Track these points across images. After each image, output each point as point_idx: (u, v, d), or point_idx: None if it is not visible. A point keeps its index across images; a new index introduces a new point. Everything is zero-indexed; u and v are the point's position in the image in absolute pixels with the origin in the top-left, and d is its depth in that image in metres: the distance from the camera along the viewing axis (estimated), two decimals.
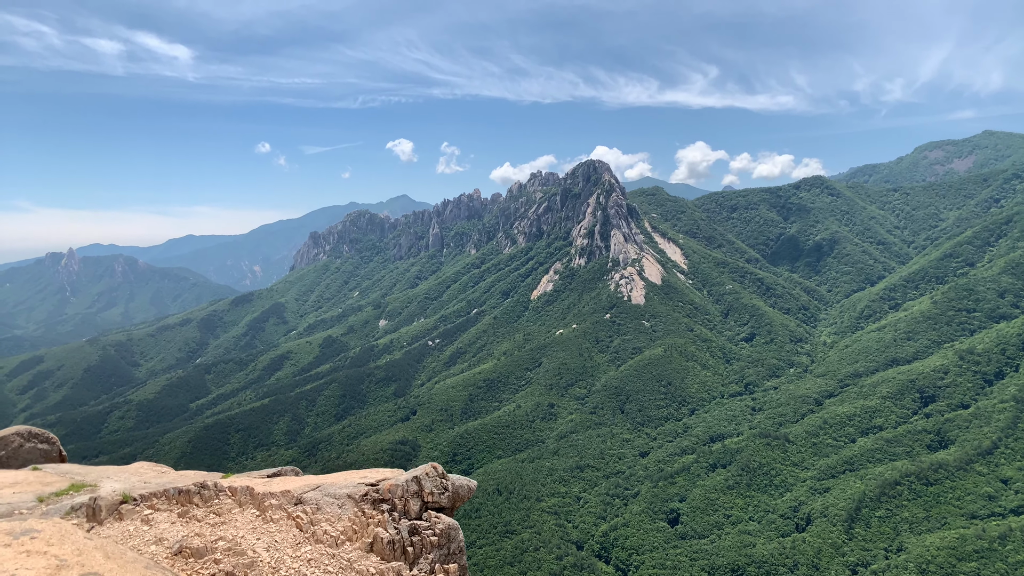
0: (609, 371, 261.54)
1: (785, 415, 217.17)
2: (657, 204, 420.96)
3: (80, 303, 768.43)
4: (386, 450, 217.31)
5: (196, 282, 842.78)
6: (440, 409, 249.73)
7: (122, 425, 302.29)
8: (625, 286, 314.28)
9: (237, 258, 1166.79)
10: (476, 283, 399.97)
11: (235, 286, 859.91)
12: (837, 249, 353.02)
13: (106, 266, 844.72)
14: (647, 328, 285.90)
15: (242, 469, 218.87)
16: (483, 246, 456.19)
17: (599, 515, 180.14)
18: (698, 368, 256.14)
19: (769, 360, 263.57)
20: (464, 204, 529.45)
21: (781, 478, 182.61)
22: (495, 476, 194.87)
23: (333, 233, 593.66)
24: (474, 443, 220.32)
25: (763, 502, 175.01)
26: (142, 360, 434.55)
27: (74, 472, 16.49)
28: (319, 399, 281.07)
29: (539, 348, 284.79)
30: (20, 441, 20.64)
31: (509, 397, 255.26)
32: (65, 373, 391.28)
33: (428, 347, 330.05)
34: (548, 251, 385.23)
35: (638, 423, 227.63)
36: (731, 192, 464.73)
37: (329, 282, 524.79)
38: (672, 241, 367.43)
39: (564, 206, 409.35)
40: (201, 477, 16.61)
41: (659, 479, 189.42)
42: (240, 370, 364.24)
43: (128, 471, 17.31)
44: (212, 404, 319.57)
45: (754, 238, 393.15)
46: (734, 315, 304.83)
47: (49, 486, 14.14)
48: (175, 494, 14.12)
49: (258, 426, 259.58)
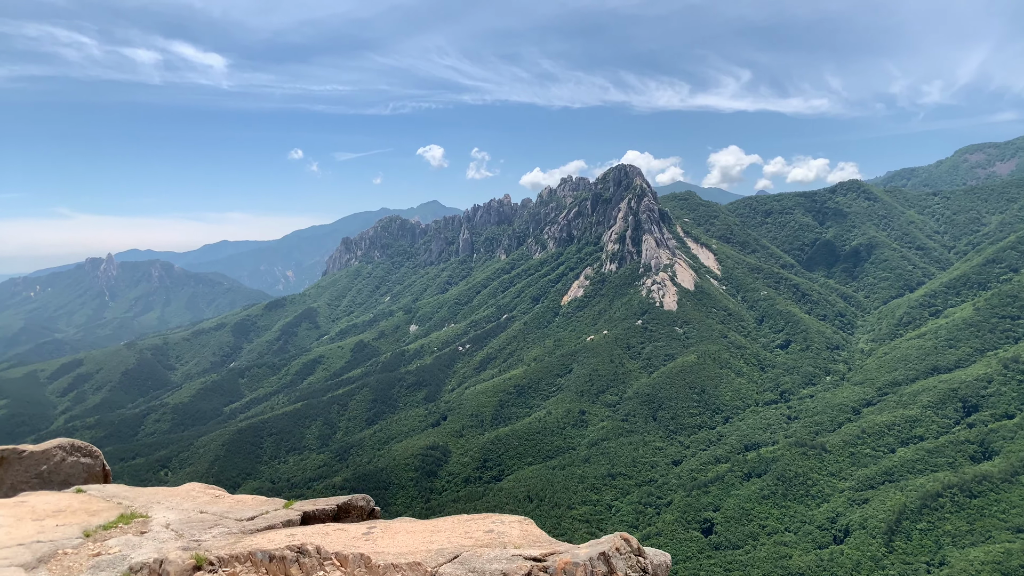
0: (641, 378, 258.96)
1: (822, 424, 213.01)
2: (689, 209, 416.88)
3: (118, 307, 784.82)
4: (417, 455, 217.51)
5: (230, 287, 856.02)
6: (470, 415, 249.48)
7: (158, 428, 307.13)
8: (657, 292, 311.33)
9: (270, 263, 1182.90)
10: (506, 288, 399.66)
11: (268, 291, 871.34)
12: (875, 254, 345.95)
13: (143, 271, 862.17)
14: (680, 334, 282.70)
15: (274, 473, 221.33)
16: (513, 251, 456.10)
17: (631, 524, 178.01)
18: (732, 375, 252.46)
19: (805, 368, 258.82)
20: (494, 209, 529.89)
21: (818, 488, 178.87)
22: (526, 483, 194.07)
23: (365, 239, 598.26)
24: (505, 449, 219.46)
25: (799, 512, 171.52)
26: (178, 364, 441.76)
27: (120, 496, 15.70)
28: (351, 404, 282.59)
29: (570, 354, 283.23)
30: (63, 455, 20.11)
31: (540, 403, 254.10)
32: (104, 376, 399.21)
33: (458, 352, 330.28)
34: (579, 256, 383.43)
35: (671, 431, 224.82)
36: (765, 196, 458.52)
37: (361, 287, 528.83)
38: (705, 246, 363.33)
39: (595, 211, 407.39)
40: (261, 503, 15.59)
41: (692, 488, 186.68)
42: (273, 374, 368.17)
43: (179, 494, 16.37)
44: (245, 408, 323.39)
45: (789, 243, 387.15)
46: (769, 321, 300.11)
47: (95, 516, 13.34)
48: (264, 559, 11.63)
49: (291, 430, 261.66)
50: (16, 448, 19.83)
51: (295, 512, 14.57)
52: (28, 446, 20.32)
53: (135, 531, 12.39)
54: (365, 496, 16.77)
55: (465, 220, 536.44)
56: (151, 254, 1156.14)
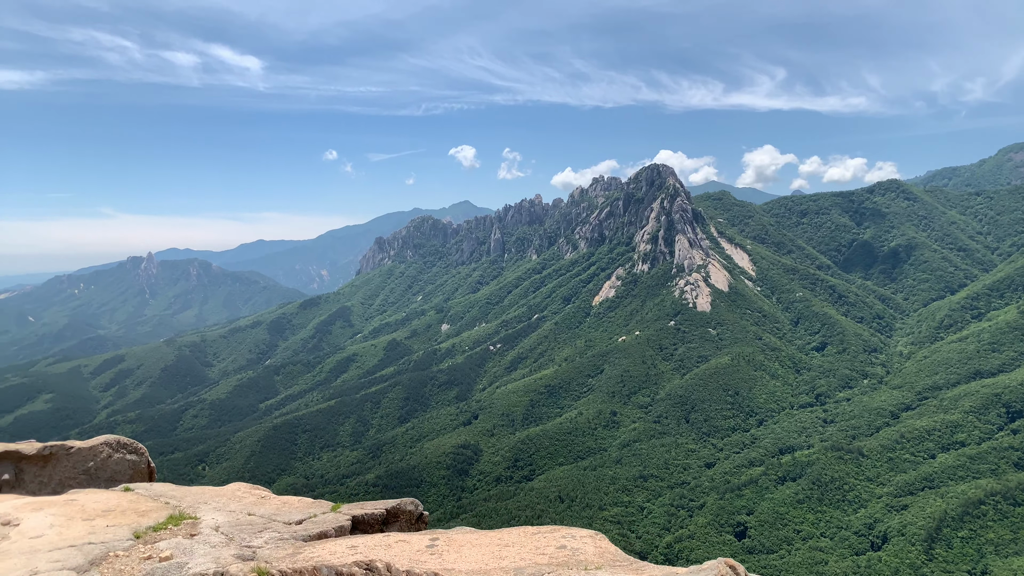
0: (674, 379, 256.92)
1: (859, 428, 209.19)
2: (723, 209, 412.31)
3: (158, 305, 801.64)
4: (448, 454, 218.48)
5: (266, 285, 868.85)
6: (501, 414, 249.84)
7: (196, 423, 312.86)
8: (690, 292, 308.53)
9: (305, 262, 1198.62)
10: (537, 288, 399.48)
11: (303, 290, 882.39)
12: (914, 255, 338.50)
13: (182, 270, 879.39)
14: (713, 336, 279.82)
15: (308, 469, 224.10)
16: (544, 251, 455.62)
17: (663, 526, 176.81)
18: (767, 378, 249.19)
19: (841, 370, 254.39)
20: (525, 209, 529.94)
21: (855, 493, 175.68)
22: (557, 483, 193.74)
23: (397, 238, 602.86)
24: (536, 449, 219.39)
25: (835, 518, 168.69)
26: (215, 360, 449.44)
27: (168, 495, 15.83)
28: (383, 401, 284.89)
29: (601, 355, 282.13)
30: (109, 451, 20.56)
31: (571, 404, 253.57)
32: (144, 372, 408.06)
33: (489, 352, 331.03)
34: (610, 256, 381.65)
35: (704, 433, 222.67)
36: (801, 196, 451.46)
37: (393, 286, 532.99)
38: (739, 247, 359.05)
39: (627, 211, 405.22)
40: (308, 506, 15.53)
41: (725, 491, 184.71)
42: (308, 372, 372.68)
43: (225, 495, 16.42)
44: (280, 404, 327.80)
45: (825, 244, 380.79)
46: (804, 323, 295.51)
47: (145, 516, 13.35)
48: None
49: (324, 427, 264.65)
50: (64, 444, 20.32)
51: (344, 517, 14.52)
52: (75, 442, 20.82)
53: (185, 533, 12.42)
54: (413, 500, 16.67)
55: (496, 220, 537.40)
56: (189, 253, 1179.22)
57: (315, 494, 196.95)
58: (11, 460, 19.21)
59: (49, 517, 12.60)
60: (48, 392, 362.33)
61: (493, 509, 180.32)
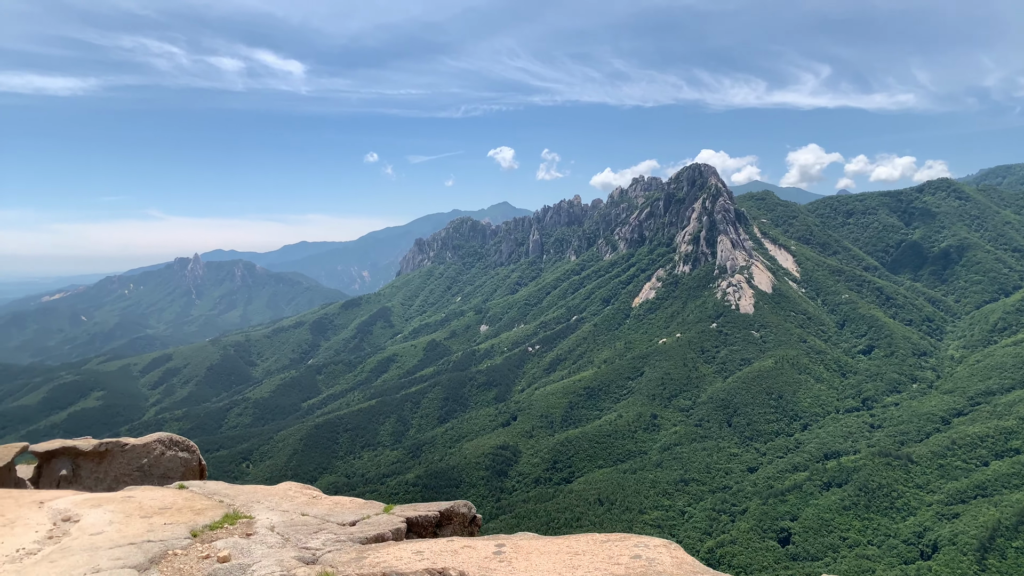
0: (715, 382, 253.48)
1: (908, 433, 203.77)
2: (767, 209, 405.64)
3: (204, 305, 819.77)
4: (487, 454, 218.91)
5: (309, 286, 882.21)
6: (540, 416, 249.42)
7: (240, 421, 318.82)
8: (733, 294, 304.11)
9: (347, 263, 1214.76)
10: (576, 289, 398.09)
11: (345, 290, 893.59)
12: (966, 256, 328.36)
13: (227, 271, 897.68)
14: (756, 338, 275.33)
15: (349, 468, 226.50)
16: (583, 252, 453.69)
17: (704, 531, 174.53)
18: (811, 381, 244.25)
19: (889, 374, 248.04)
20: (564, 210, 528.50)
21: (903, 500, 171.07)
22: (596, 486, 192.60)
23: (437, 240, 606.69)
24: (575, 451, 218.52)
25: (883, 525, 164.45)
26: (259, 360, 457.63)
27: (221, 494, 15.92)
28: (423, 401, 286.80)
29: (641, 357, 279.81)
30: (162, 449, 20.96)
31: (610, 406, 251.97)
32: (190, 371, 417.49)
33: (528, 353, 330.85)
34: (650, 258, 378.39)
35: (746, 437, 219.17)
36: (847, 196, 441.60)
37: (433, 287, 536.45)
38: (783, 247, 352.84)
39: (667, 211, 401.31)
40: (360, 507, 15.49)
41: (768, 496, 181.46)
42: (349, 371, 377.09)
43: (277, 494, 16.45)
44: (322, 404, 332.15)
45: (872, 245, 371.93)
46: (851, 326, 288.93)
47: (200, 515, 13.44)
48: None
49: (365, 426, 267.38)
50: (120, 441, 20.78)
51: (398, 518, 14.41)
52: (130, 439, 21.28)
53: (240, 533, 12.48)
54: (467, 503, 16.55)
55: (535, 221, 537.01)
56: (234, 254, 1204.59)
57: (356, 493, 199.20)
58: (69, 456, 19.63)
59: (108, 514, 12.76)
60: (100, 389, 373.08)
61: (532, 511, 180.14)
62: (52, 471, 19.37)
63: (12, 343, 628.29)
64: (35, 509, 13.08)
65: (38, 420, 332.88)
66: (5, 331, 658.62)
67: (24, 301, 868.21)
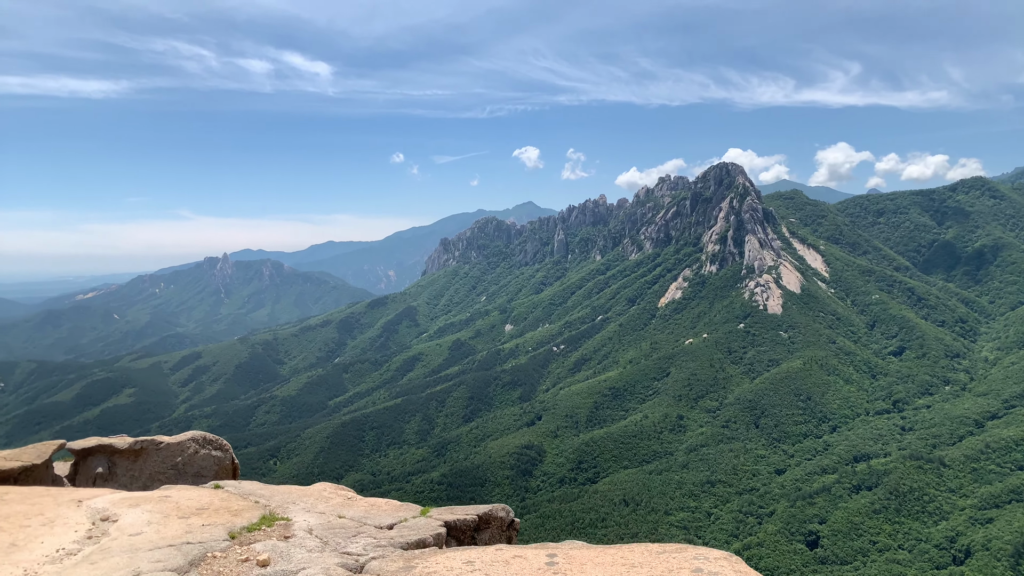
0: (743, 383, 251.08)
1: (940, 436, 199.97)
2: (795, 208, 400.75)
3: (232, 304, 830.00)
4: (512, 454, 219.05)
5: (335, 285, 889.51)
6: (565, 416, 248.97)
7: (268, 419, 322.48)
8: (760, 294, 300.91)
9: (373, 263, 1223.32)
10: (601, 289, 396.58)
11: (371, 290, 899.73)
12: (1001, 256, 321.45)
13: (255, 270, 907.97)
14: (784, 339, 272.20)
15: (375, 466, 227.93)
16: (608, 252, 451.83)
17: (731, 532, 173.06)
18: (840, 383, 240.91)
19: (921, 376, 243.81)
20: (589, 210, 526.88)
21: (935, 505, 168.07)
22: (622, 486, 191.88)
23: (462, 239, 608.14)
24: (600, 452, 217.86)
25: (914, 529, 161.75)
26: (286, 358, 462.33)
27: (256, 494, 15.93)
28: (448, 400, 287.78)
29: (667, 357, 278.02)
30: (196, 447, 21.20)
31: (636, 407, 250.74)
32: (219, 369, 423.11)
33: (553, 353, 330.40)
34: (677, 257, 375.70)
35: (774, 439, 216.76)
36: (877, 195, 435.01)
37: (458, 287, 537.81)
38: (812, 247, 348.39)
39: (694, 211, 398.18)
40: (395, 509, 15.37)
41: (796, 498, 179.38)
42: (375, 370, 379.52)
43: (312, 495, 16.39)
44: (349, 402, 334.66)
45: (904, 244, 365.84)
46: (881, 327, 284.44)
47: (238, 516, 13.38)
48: None
49: (391, 424, 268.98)
50: (154, 440, 21.02)
51: (436, 521, 14.30)
52: (164, 437, 21.56)
53: (279, 535, 12.41)
54: (505, 507, 16.32)
55: (560, 221, 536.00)
56: (263, 254, 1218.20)
57: (381, 491, 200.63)
58: (104, 454, 19.88)
59: (146, 514, 12.85)
60: (131, 386, 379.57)
61: (557, 511, 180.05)
62: (88, 469, 19.57)
63: (47, 341, 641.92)
64: (73, 508, 13.14)
65: (72, 416, 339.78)
66: (41, 329, 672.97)
67: (59, 300, 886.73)
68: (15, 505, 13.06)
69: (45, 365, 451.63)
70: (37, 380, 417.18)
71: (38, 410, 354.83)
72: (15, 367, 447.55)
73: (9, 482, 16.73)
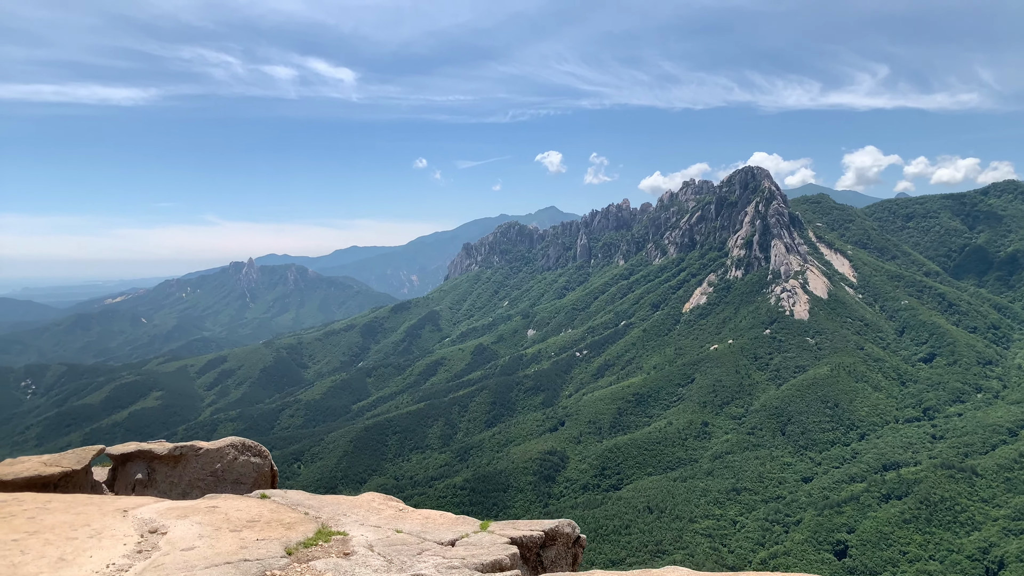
0: (769, 390, 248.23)
1: (972, 445, 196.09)
2: (822, 212, 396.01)
3: (257, 308, 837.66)
4: (535, 459, 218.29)
5: (359, 290, 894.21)
6: (588, 421, 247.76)
7: (292, 423, 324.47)
8: (787, 300, 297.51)
9: (396, 268, 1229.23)
10: (624, 294, 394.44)
11: (394, 294, 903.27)
12: None
13: (280, 275, 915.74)
14: (811, 345, 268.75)
15: (398, 471, 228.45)
16: (632, 257, 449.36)
17: (757, 541, 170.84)
18: (869, 390, 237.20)
19: (952, 383, 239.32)
20: (612, 214, 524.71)
21: (967, 515, 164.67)
22: (646, 493, 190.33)
23: (484, 244, 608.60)
24: (624, 458, 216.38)
25: (946, 540, 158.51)
26: (310, 363, 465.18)
27: (304, 504, 15.46)
28: (471, 405, 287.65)
29: (692, 363, 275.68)
30: (235, 454, 21.05)
31: (660, 413, 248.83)
32: (244, 372, 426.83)
33: (576, 358, 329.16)
34: (701, 262, 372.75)
35: (800, 446, 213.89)
36: (906, 199, 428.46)
37: (480, 291, 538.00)
38: (840, 252, 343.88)
39: (719, 215, 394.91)
40: (452, 522, 14.88)
41: (824, 507, 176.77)
42: (398, 374, 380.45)
43: (362, 506, 15.92)
44: (372, 406, 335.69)
45: (934, 249, 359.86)
46: (911, 333, 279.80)
47: (291, 529, 12.82)
48: None
49: (414, 429, 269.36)
50: (194, 445, 20.84)
51: (501, 538, 13.62)
52: (203, 444, 21.42)
53: (337, 552, 11.83)
54: (571, 522, 15.88)
55: (583, 225, 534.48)
56: (287, 258, 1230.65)
57: (404, 495, 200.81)
58: (144, 460, 19.77)
59: (195, 526, 12.53)
60: (158, 390, 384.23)
61: (580, 517, 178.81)
62: (127, 474, 19.47)
63: (77, 344, 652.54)
64: (120, 518, 12.81)
65: (101, 418, 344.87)
66: (71, 332, 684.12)
67: (88, 303, 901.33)
68: (59, 515, 12.67)
69: (75, 368, 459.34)
70: (67, 382, 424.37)
71: (68, 412, 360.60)
72: (46, 370, 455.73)
73: (49, 488, 16.59)
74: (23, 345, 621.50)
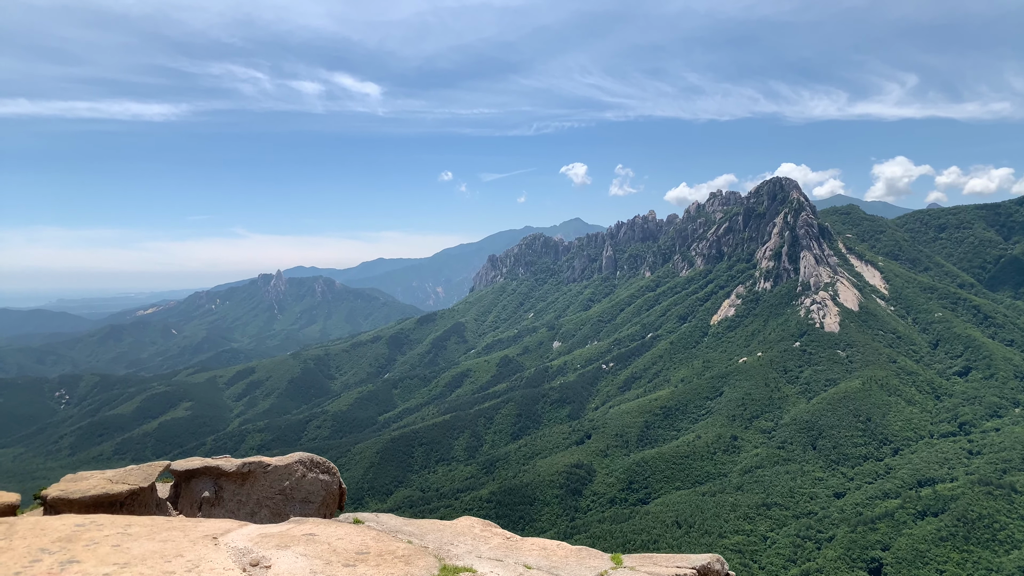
0: (799, 403, 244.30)
1: (1010, 461, 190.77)
2: (852, 224, 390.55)
3: (285, 320, 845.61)
4: (561, 472, 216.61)
5: (385, 302, 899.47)
6: (615, 435, 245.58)
7: (319, 434, 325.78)
8: (817, 312, 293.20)
9: (422, 279, 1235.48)
10: (651, 306, 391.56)
11: (420, 306, 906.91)
12: None
13: (307, 287, 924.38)
14: (842, 358, 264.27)
15: (424, 482, 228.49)
16: (658, 269, 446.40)
17: (788, 557, 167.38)
18: (902, 404, 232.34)
19: (989, 398, 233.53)
20: (638, 226, 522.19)
21: (1007, 533, 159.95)
22: (674, 508, 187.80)
23: (510, 256, 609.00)
24: (651, 472, 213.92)
25: (984, 558, 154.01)
26: (337, 374, 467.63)
27: (404, 531, 14.46)
28: (496, 417, 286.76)
29: (720, 376, 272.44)
30: (303, 471, 20.03)
31: (688, 426, 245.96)
32: (272, 383, 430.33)
33: (602, 370, 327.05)
34: (729, 274, 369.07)
35: (832, 461, 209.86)
36: (938, 209, 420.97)
37: (506, 303, 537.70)
38: (870, 263, 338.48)
39: (747, 226, 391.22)
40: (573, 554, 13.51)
41: (857, 524, 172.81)
42: (424, 386, 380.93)
43: (463, 532, 14.94)
44: (398, 417, 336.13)
45: (968, 260, 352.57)
46: (945, 346, 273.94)
47: (410, 564, 11.47)
48: None
49: (440, 441, 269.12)
50: (262, 461, 19.54)
51: (644, 574, 12.40)
52: (271, 460, 19.90)
53: None
54: (719, 558, 14.82)
55: (608, 237, 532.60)
56: (315, 271, 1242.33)
57: (430, 507, 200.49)
58: (211, 476, 18.91)
59: (302, 559, 11.27)
60: (188, 400, 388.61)
61: (607, 531, 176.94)
62: (192, 492, 18.68)
63: (110, 355, 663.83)
64: (211, 547, 11.52)
65: (132, 428, 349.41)
66: (104, 344, 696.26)
67: (121, 315, 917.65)
68: (145, 542, 11.35)
69: (107, 378, 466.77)
70: (100, 393, 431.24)
71: (100, 422, 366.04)
72: (79, 380, 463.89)
73: (116, 507, 15.90)
74: (57, 356, 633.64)
